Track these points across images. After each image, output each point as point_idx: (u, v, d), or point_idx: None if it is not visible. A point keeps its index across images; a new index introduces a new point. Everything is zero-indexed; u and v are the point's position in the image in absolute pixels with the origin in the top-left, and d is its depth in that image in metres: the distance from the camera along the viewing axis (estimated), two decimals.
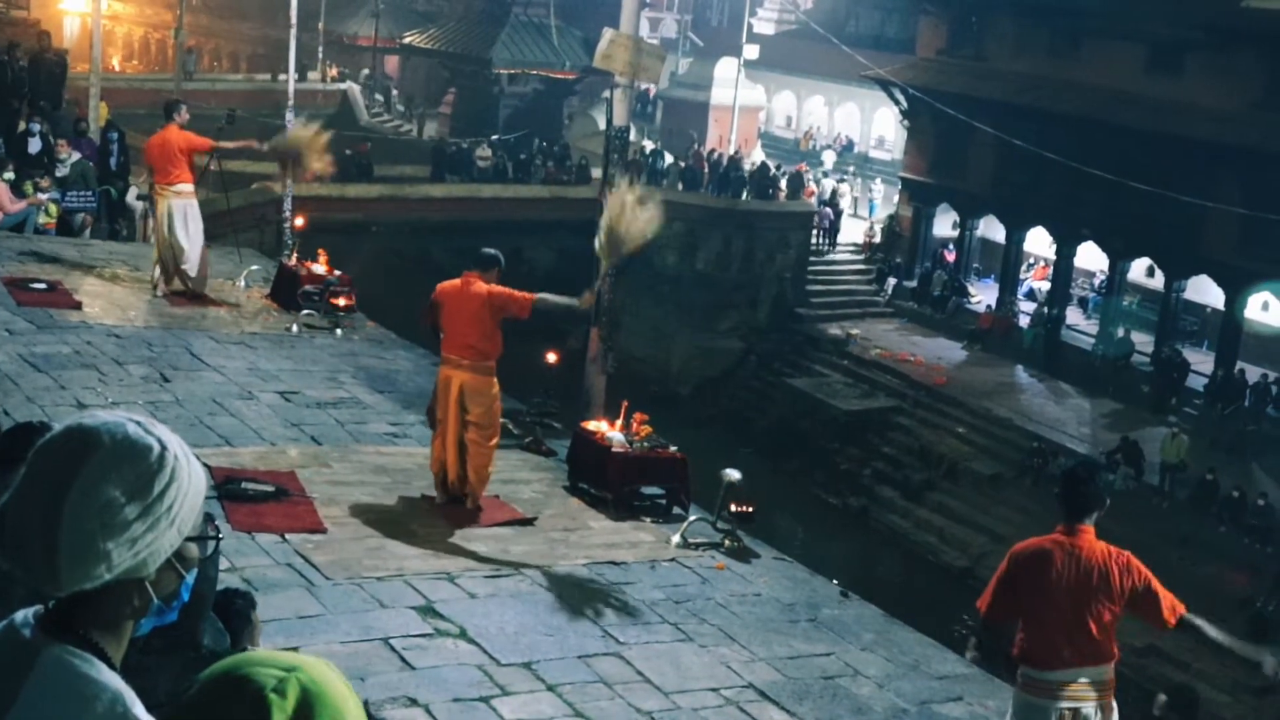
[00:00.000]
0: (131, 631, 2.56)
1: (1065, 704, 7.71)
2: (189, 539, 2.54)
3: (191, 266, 18.68)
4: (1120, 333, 40.66)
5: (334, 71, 60.44)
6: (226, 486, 11.73)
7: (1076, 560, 7.59)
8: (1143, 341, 40.62)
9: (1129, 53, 40.49)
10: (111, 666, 2.46)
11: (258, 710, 2.12)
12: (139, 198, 24.44)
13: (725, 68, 54.04)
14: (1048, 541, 7.77)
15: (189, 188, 18.44)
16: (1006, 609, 7.90)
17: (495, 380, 12.61)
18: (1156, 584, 7.66)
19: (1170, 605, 7.69)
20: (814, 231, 47.15)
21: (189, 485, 2.50)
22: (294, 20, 26.46)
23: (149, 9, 75.61)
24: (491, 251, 12.78)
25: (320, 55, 58.49)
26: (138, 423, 2.49)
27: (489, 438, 12.52)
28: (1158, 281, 42.10)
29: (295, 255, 21.41)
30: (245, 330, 18.26)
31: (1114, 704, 7.79)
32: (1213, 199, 36.11)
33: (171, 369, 15.58)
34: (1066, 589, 7.62)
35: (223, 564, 9.71)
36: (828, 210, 48.28)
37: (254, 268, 21.54)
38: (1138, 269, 43.24)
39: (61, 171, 23.14)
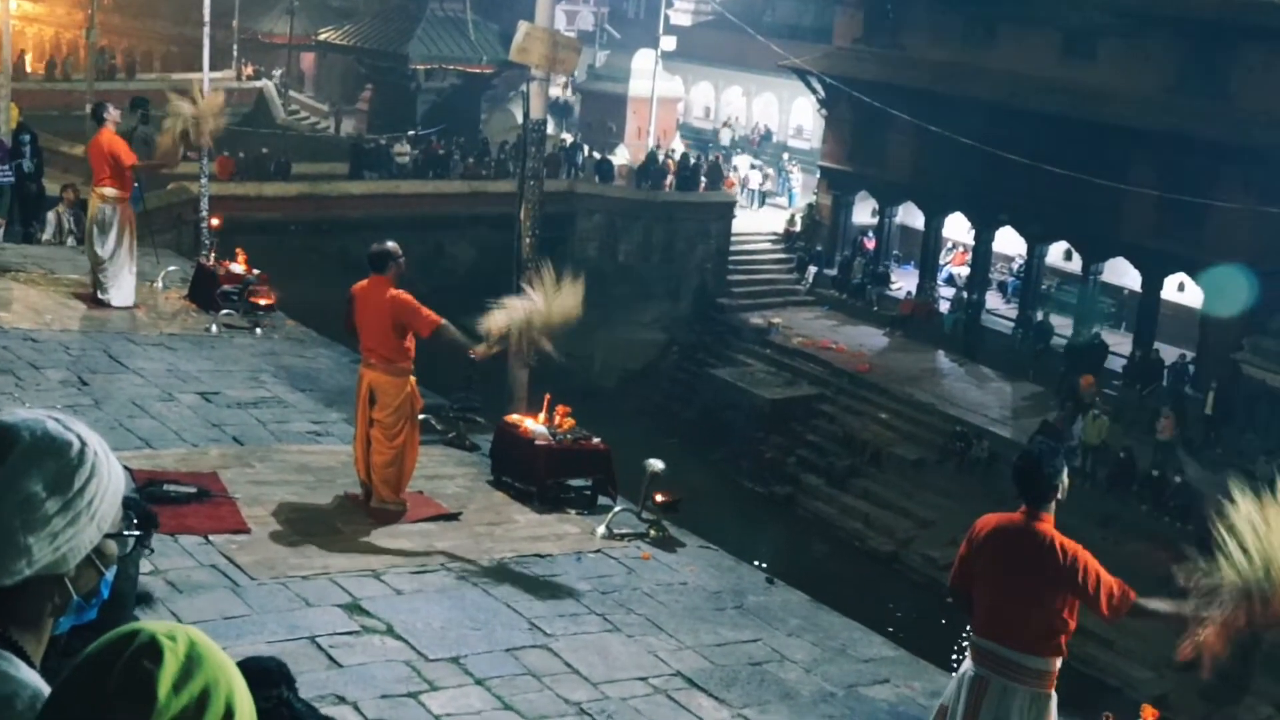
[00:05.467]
0: (51, 630, 2.55)
1: (981, 670, 7.76)
2: (108, 535, 2.54)
3: (109, 276, 18.51)
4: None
5: (249, 70, 60.00)
6: (148, 489, 11.65)
7: (1028, 543, 7.62)
8: (1062, 325, 40.99)
9: (1044, 39, 40.84)
10: (31, 665, 2.45)
11: (151, 650, 2.13)
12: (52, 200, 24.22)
13: (643, 59, 54.06)
14: (1008, 519, 7.81)
15: (114, 192, 18.26)
16: (966, 577, 7.96)
17: (409, 381, 12.48)
18: (1102, 578, 7.66)
19: (1110, 601, 7.68)
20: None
21: (109, 481, 2.50)
22: (207, 18, 26.26)
23: (60, 9, 74.72)
24: (381, 249, 12.49)
25: (235, 53, 58.05)
26: (57, 419, 2.50)
27: (392, 437, 12.40)
28: (1075, 265, 42.51)
29: (213, 255, 21.27)
30: (164, 331, 18.13)
31: (1045, 694, 7.78)
32: (1129, 183, 36.50)
33: (90, 372, 15.45)
34: (1011, 567, 7.67)
35: (145, 566, 9.66)
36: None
37: (171, 268, 21.38)
38: (1055, 253, 43.62)
39: None
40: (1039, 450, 8.24)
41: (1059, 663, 7.77)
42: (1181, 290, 39.68)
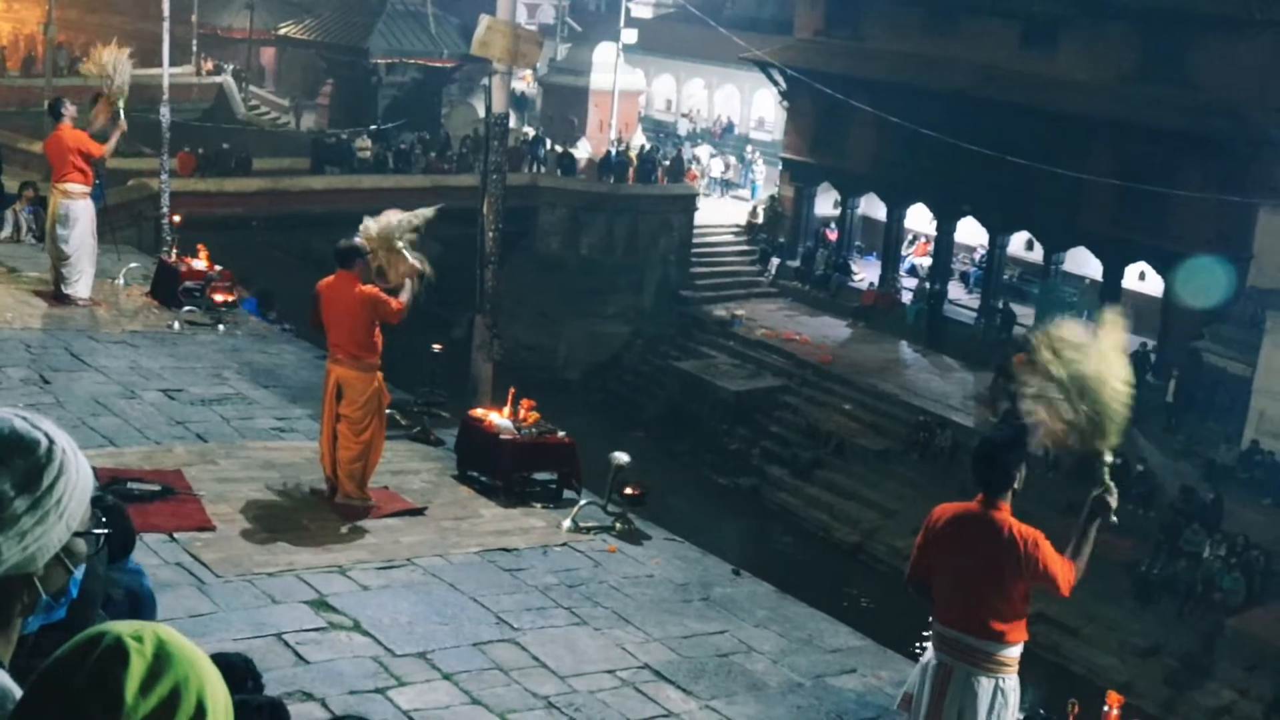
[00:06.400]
0: (20, 629, 2.55)
1: (945, 658, 7.80)
2: (77, 534, 2.54)
3: (72, 269, 18.42)
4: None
5: (209, 65, 59.72)
6: (112, 487, 11.60)
7: (987, 532, 7.64)
8: (1026, 315, 41.14)
9: (1004, 29, 40.98)
10: (0, 665, 2.45)
11: (117, 653, 2.13)
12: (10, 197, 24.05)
13: (604, 52, 54.00)
14: (965, 508, 7.84)
15: (78, 188, 18.12)
16: (925, 567, 7.99)
17: (376, 376, 12.48)
18: (1053, 562, 7.71)
19: (1065, 578, 7.74)
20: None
21: (77, 479, 2.49)
22: (167, 13, 26.11)
23: (17, 4, 74.22)
24: (348, 244, 12.53)
25: (195, 48, 57.73)
26: (24, 417, 2.49)
27: (358, 432, 12.39)
28: (1037, 255, 42.67)
29: (174, 252, 21.18)
30: (126, 329, 18.04)
31: (1009, 681, 7.82)
32: (1089, 172, 36.64)
33: (51, 370, 15.37)
34: (972, 556, 7.69)
35: None
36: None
37: (133, 265, 21.28)
38: (1017, 242, 43.78)
39: None
40: (998, 439, 8.27)
41: (1021, 648, 7.82)
42: (1142, 279, 39.87)
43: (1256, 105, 35.71)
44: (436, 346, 17.17)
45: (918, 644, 8.06)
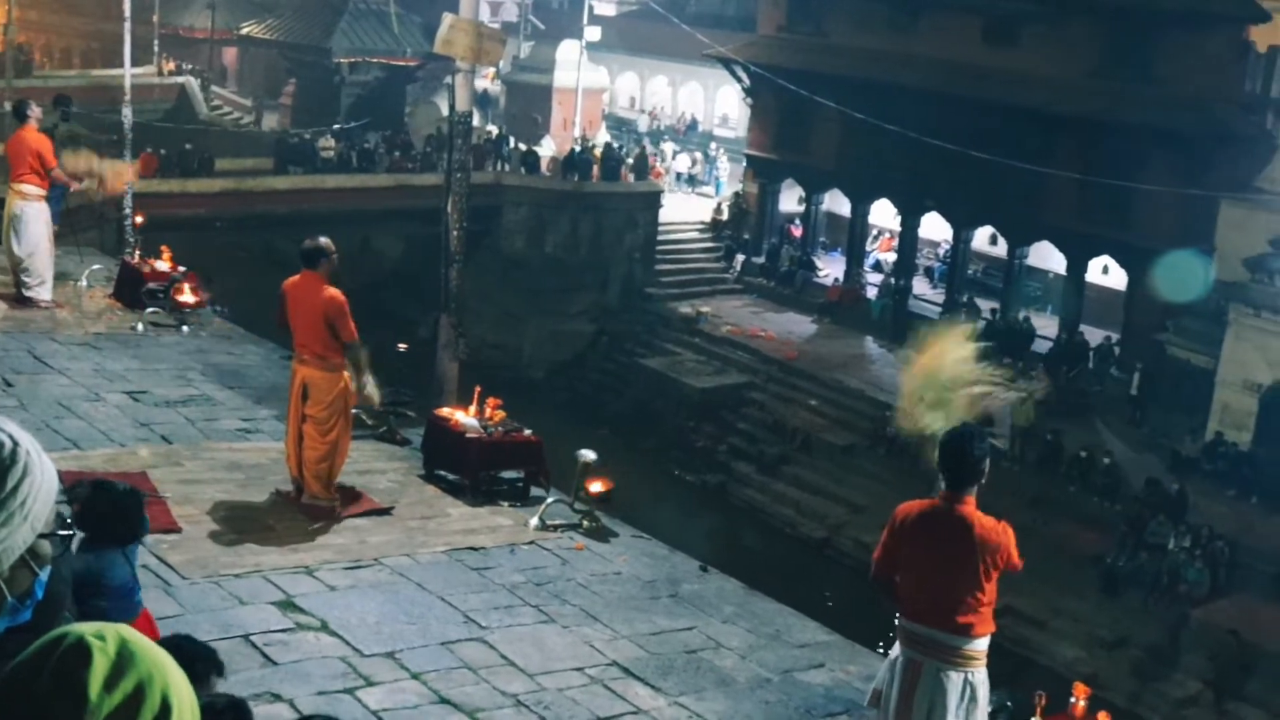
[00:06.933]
0: None
1: (913, 654, 7.82)
2: (42, 535, 2.53)
3: (30, 273, 18.32)
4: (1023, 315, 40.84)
5: (170, 65, 59.46)
6: (76, 490, 11.51)
7: (955, 528, 7.66)
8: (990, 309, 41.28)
9: (966, 25, 41.06)
10: None
11: (79, 652, 2.12)
12: None
13: (567, 50, 53.96)
14: (930, 505, 7.86)
15: (33, 189, 18.02)
16: (890, 565, 8.01)
17: (342, 376, 12.44)
18: (1013, 550, 7.76)
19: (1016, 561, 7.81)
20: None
21: (42, 481, 2.48)
22: (128, 13, 26.01)
23: None
24: (314, 244, 12.41)
25: (156, 49, 57.49)
26: None
27: (325, 432, 12.35)
28: (1001, 249, 42.80)
29: (137, 253, 21.09)
30: (89, 331, 17.96)
31: (978, 675, 7.84)
32: (1053, 167, 36.80)
33: (14, 373, 15.28)
34: (940, 552, 7.72)
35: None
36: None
37: (95, 267, 21.19)
38: (981, 237, 43.90)
39: None
40: (966, 432, 8.28)
41: (988, 641, 7.84)
42: (1106, 273, 40.04)
43: (1218, 99, 35.92)
44: (402, 346, 17.18)
45: (887, 638, 8.08)
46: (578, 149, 48.08)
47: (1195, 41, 36.21)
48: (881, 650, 10.52)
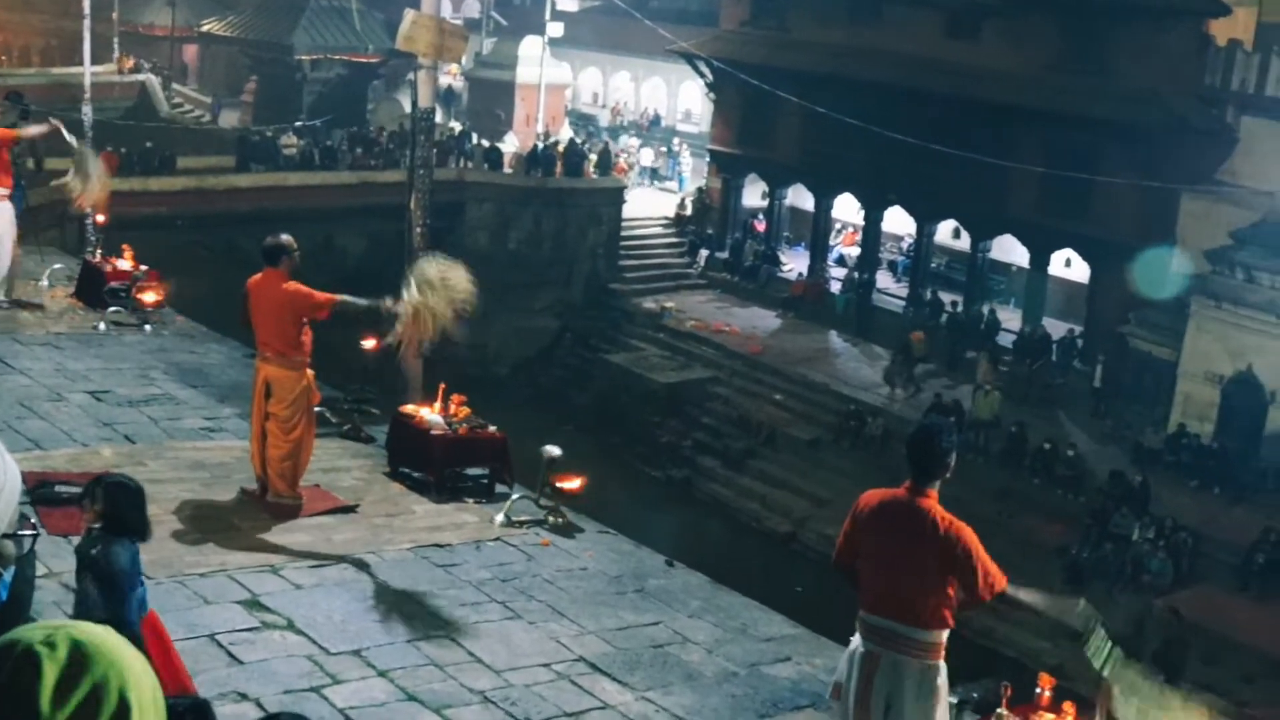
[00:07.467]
0: None
1: (871, 645, 7.83)
2: (5, 536, 2.51)
3: None
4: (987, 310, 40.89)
5: (129, 63, 59.15)
6: (39, 490, 11.49)
7: (912, 518, 7.67)
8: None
9: (928, 19, 41.16)
10: None
11: (27, 662, 2.10)
12: None
13: (530, 46, 53.84)
14: (892, 495, 7.86)
15: None
16: (851, 553, 8.02)
17: (306, 374, 12.42)
18: (980, 559, 7.71)
19: (986, 581, 7.74)
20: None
21: (5, 481, 2.47)
22: (87, 10, 25.89)
23: None
24: (275, 241, 12.38)
25: (116, 46, 57.19)
26: None
27: (288, 430, 12.33)
28: (964, 243, 42.93)
29: (99, 252, 21.00)
30: (51, 331, 17.88)
31: (935, 666, 7.84)
32: (1014, 160, 36.94)
33: None
34: (896, 542, 7.73)
35: (40, 569, 9.53)
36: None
37: (57, 266, 21.09)
38: (944, 231, 44.03)
39: None
40: (935, 425, 8.29)
41: (946, 634, 7.85)
42: (1068, 266, 40.21)
43: (1179, 93, 36.09)
44: (368, 344, 17.09)
45: (852, 631, 8.08)
46: (541, 145, 48.00)
47: (1155, 35, 36.40)
48: (847, 641, 10.56)
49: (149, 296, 19.03)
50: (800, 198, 47.88)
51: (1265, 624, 26.10)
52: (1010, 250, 41.62)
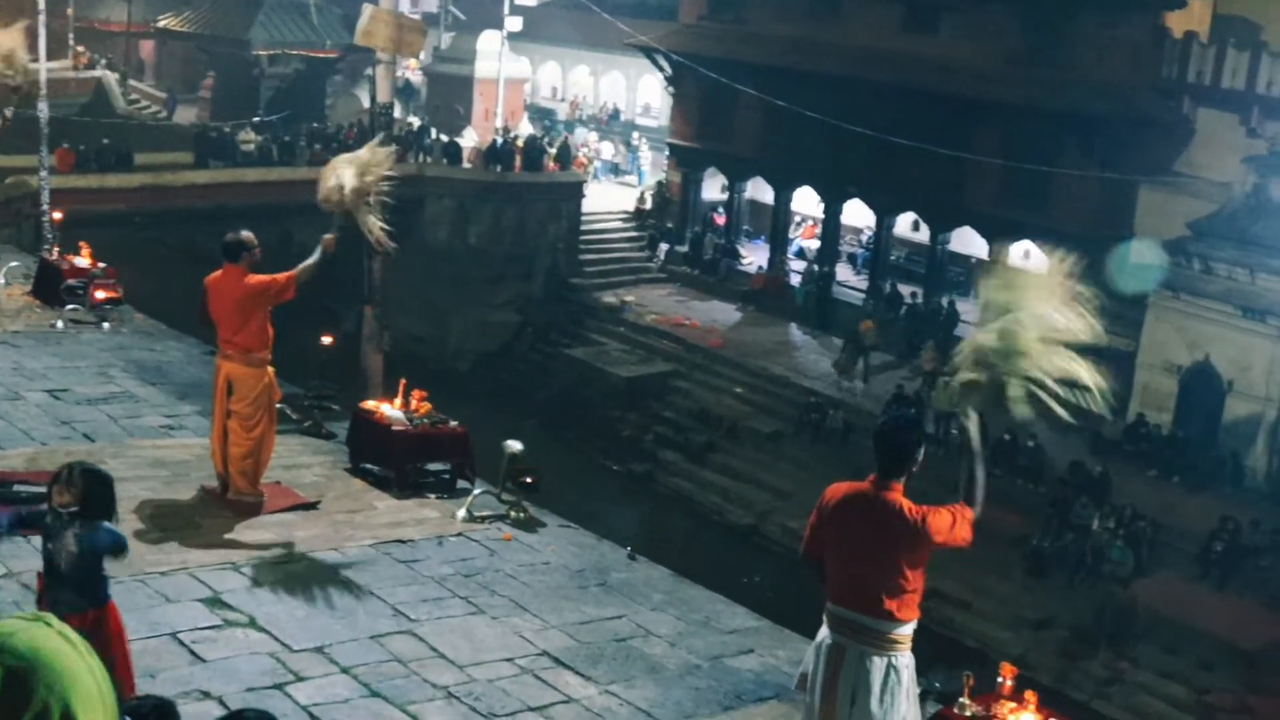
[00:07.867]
0: None
1: (838, 637, 7.85)
2: None
3: None
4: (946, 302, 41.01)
5: (84, 59, 58.83)
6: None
7: (879, 512, 7.68)
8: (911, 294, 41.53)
9: (886, 12, 41.27)
10: None
11: None
12: None
13: (488, 40, 53.76)
14: (857, 488, 7.88)
15: None
16: (817, 546, 8.03)
17: (266, 371, 12.40)
18: (946, 521, 7.72)
19: (962, 529, 7.77)
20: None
21: None
22: (42, 5, 25.74)
23: None
24: (235, 238, 12.41)
25: (71, 42, 56.89)
26: None
27: (249, 428, 12.31)
28: (923, 235, 43.05)
29: (56, 250, 20.90)
30: (7, 329, 17.79)
31: (901, 659, 7.85)
32: (972, 153, 37.07)
33: None
34: (862, 535, 7.74)
35: None
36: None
37: (13, 264, 21.01)
38: (903, 223, 44.14)
39: None
40: (905, 419, 8.29)
41: (913, 626, 7.87)
42: (1027, 258, 40.33)
43: (1136, 85, 36.29)
44: (326, 340, 17.08)
45: (817, 623, 8.11)
46: (500, 140, 47.94)
47: (1113, 28, 36.59)
48: (811, 635, 10.60)
49: (104, 295, 18.95)
50: (760, 191, 47.94)
51: (1224, 612, 26.31)
52: (969, 242, 41.73)
